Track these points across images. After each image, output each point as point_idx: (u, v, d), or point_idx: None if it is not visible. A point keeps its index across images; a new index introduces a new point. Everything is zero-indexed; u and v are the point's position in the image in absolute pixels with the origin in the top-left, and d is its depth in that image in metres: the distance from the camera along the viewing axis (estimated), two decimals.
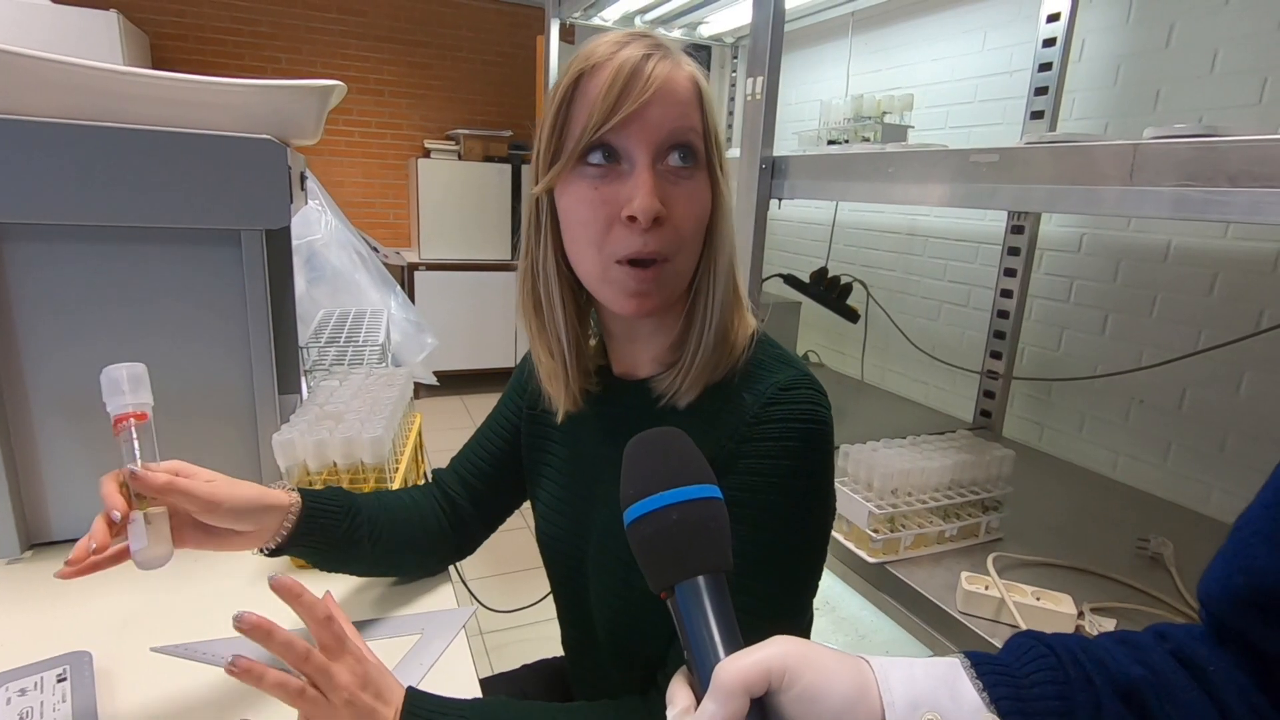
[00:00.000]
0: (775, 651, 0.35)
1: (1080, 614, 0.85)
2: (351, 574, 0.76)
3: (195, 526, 0.61)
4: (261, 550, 0.65)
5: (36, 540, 0.82)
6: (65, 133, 0.71)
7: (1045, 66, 1.44)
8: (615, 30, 0.58)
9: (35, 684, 0.58)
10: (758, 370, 0.60)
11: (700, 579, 0.39)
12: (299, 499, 0.66)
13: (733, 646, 0.37)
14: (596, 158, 0.56)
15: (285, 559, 0.81)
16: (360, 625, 0.71)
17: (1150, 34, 1.35)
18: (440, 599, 0.77)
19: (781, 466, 0.56)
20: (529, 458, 0.76)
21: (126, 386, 0.58)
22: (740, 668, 0.34)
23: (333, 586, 0.76)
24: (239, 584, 0.78)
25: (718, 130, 0.60)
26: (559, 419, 0.69)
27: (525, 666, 0.93)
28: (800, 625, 0.62)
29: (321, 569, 0.71)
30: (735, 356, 0.61)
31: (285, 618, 0.71)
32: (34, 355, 0.77)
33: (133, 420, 0.58)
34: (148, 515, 0.57)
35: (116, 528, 0.56)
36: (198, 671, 0.64)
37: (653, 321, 0.64)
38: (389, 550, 0.72)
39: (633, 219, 0.54)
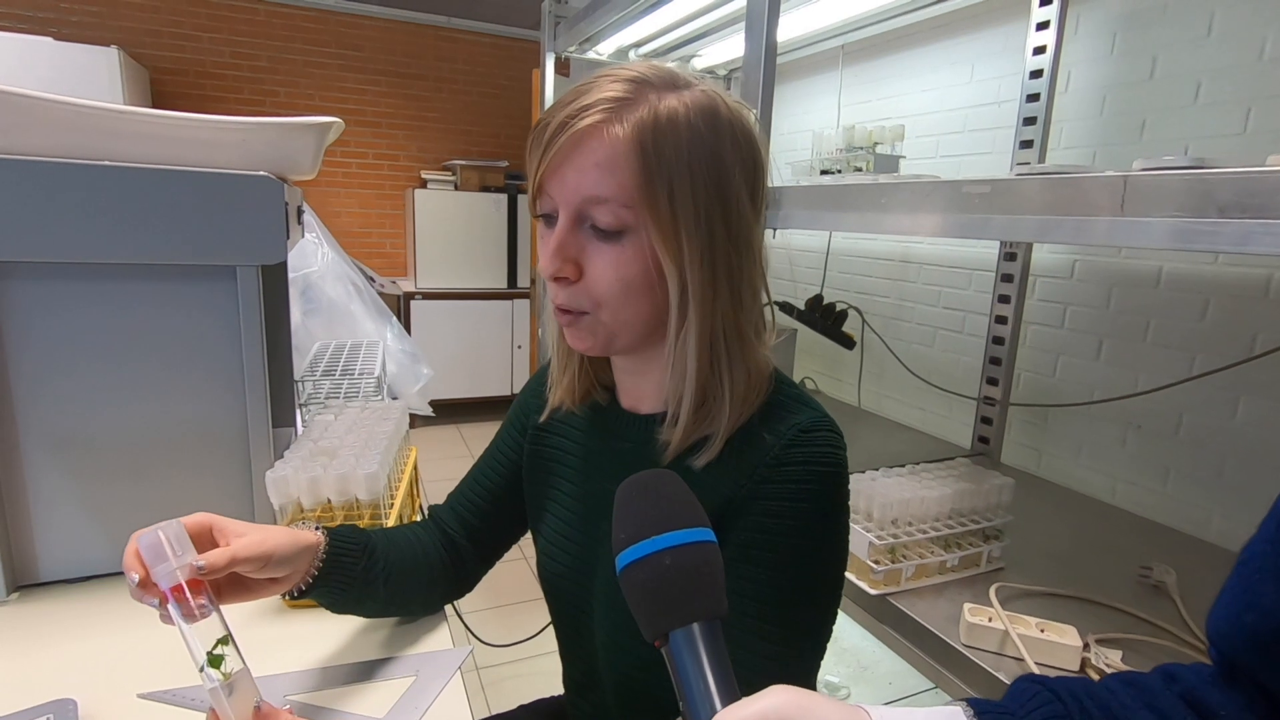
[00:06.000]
0: (773, 703, 0.34)
1: (1086, 645, 0.84)
2: (362, 615, 0.74)
3: (233, 584, 0.57)
4: (287, 595, 0.62)
5: (23, 582, 0.80)
6: (63, 171, 0.71)
7: (1033, 97, 1.46)
8: (610, 66, 0.58)
9: None
10: (777, 410, 0.59)
11: (695, 626, 0.38)
12: (324, 537, 0.64)
13: (729, 697, 0.36)
14: (539, 207, 0.58)
15: (276, 601, 0.80)
16: (354, 667, 0.70)
17: (1134, 65, 1.37)
18: (436, 635, 0.75)
19: (800, 509, 0.55)
20: (531, 491, 0.75)
21: (169, 551, 0.51)
22: None
23: (330, 627, 0.75)
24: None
25: (675, 190, 0.53)
26: (543, 417, 0.72)
27: (522, 707, 0.90)
28: (814, 669, 0.60)
29: (335, 611, 0.69)
30: (753, 403, 0.59)
31: (278, 659, 0.70)
32: (24, 393, 0.76)
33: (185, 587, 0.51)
34: (230, 684, 0.49)
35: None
36: (185, 718, 0.62)
37: (638, 359, 0.64)
38: (399, 589, 0.70)
39: None
